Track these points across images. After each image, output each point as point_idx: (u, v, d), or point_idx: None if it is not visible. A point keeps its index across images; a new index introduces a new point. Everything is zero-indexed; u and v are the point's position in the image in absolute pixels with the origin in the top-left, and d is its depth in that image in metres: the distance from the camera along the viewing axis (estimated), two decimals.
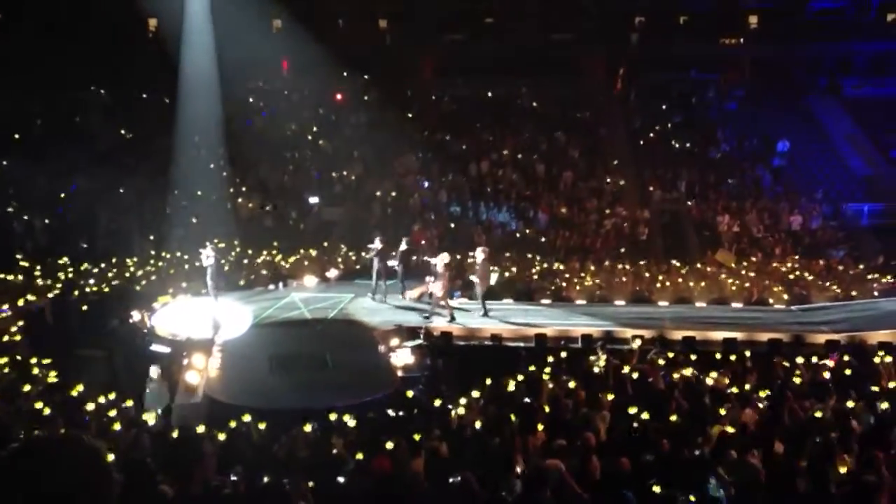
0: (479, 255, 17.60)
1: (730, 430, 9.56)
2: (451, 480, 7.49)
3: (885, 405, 10.72)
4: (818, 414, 10.34)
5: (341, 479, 8.37)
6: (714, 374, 12.79)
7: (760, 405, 10.99)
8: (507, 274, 21.17)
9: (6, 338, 14.79)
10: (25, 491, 1.87)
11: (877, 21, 33.63)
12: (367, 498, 7.83)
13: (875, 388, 11.84)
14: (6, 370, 12.71)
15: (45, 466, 1.91)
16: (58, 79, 27.58)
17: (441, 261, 17.20)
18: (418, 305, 18.54)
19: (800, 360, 13.80)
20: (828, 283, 20.87)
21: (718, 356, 14.63)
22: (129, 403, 11.77)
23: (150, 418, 11.04)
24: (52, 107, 28.08)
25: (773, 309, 19.22)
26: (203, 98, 26.92)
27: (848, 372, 13.26)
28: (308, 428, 10.43)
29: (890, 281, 21.07)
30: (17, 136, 25.74)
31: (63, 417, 10.41)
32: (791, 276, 21.50)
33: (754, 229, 24.87)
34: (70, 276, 19.29)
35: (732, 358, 14.28)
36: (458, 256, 20.44)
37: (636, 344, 15.12)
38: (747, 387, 12.25)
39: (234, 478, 7.70)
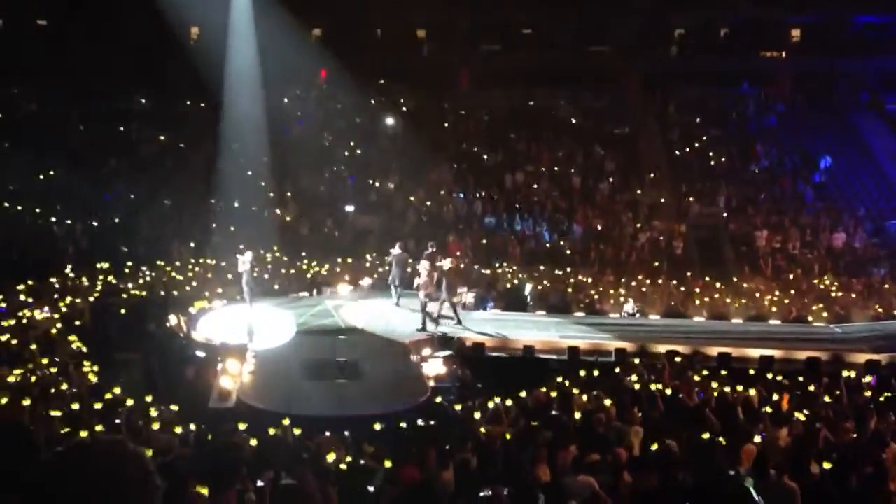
0: (447, 264, 17.52)
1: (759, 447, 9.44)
2: (481, 494, 7.47)
3: None
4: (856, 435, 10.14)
5: (371, 488, 8.38)
6: (749, 392, 12.59)
7: (797, 425, 10.78)
8: (539, 287, 21.12)
9: (52, 331, 15.09)
10: (70, 494, 1.89)
11: None
12: None
13: None
14: (47, 370, 12.91)
15: (90, 471, 1.92)
16: (101, 86, 28.12)
17: (423, 268, 17.24)
18: (445, 314, 18.50)
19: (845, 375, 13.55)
20: (869, 302, 20.48)
21: (754, 373, 14.41)
22: (164, 407, 11.90)
23: (184, 423, 11.16)
24: (95, 114, 28.63)
25: (813, 327, 18.90)
26: (244, 106, 27.26)
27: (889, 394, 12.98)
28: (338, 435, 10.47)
29: None
30: (60, 141, 26.24)
31: (98, 419, 10.56)
32: (831, 294, 21.14)
33: (791, 245, 24.50)
34: (110, 280, 19.59)
35: (769, 376, 14.06)
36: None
37: (671, 359, 14.97)
38: (784, 406, 12.04)
39: (260, 483, 7.72)
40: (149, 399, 12.17)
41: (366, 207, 26.72)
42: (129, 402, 11.57)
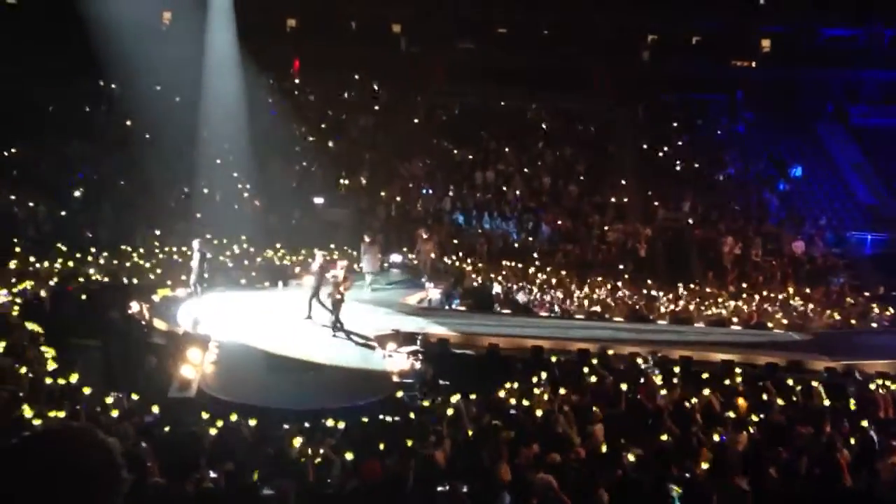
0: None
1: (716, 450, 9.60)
2: (439, 489, 7.50)
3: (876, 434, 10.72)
4: (811, 440, 10.33)
5: (329, 481, 8.38)
6: (709, 396, 12.75)
7: (753, 429, 10.96)
8: (505, 286, 21.23)
9: (10, 317, 14.81)
10: (36, 481, 1.83)
11: (889, 50, 33.70)
12: (354, 500, 7.83)
13: (865, 419, 11.79)
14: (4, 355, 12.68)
15: (56, 458, 1.87)
16: (68, 68, 27.57)
17: (316, 263, 17.34)
18: (417, 311, 18.49)
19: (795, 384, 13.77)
20: (828, 311, 20.86)
21: (715, 377, 14.58)
22: (122, 395, 11.75)
23: (143, 411, 11.05)
24: (61, 96, 28.08)
25: (772, 333, 19.19)
26: (216, 94, 26.98)
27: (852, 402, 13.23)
28: (299, 429, 10.43)
29: (889, 311, 21.06)
30: (25, 123, 25.70)
31: (56, 405, 10.41)
32: (791, 302, 21.49)
33: (754, 253, 24.87)
34: (71, 264, 19.28)
35: (728, 381, 14.24)
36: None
37: (636, 361, 15.11)
38: (742, 410, 12.21)
39: (213, 475, 7.67)
40: (107, 387, 12.01)
41: (335, 200, 26.62)
42: (87, 390, 11.41)
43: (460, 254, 23.77)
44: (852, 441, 10.53)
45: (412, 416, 11.90)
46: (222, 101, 26.91)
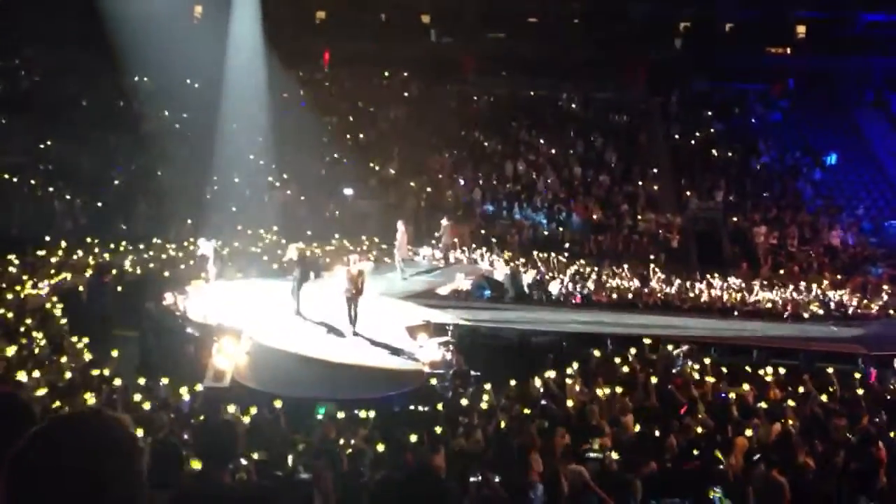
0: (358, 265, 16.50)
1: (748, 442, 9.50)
2: (471, 479, 7.51)
3: None
4: (847, 432, 10.18)
5: (362, 470, 8.42)
6: (743, 387, 12.62)
7: (790, 421, 10.81)
8: (536, 276, 21.17)
9: (46, 306, 15.08)
10: (51, 467, 1.85)
11: None
12: (386, 490, 7.85)
13: None
14: (42, 345, 12.91)
15: (71, 442, 1.88)
16: (103, 63, 27.90)
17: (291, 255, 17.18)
18: (447, 302, 18.49)
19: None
20: (865, 301, 20.53)
21: (749, 368, 14.42)
22: (162, 382, 11.92)
23: (178, 400, 11.19)
24: (96, 91, 28.45)
25: (809, 324, 18.91)
26: (246, 86, 27.16)
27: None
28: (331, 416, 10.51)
29: None
30: (61, 117, 26.09)
31: (92, 394, 10.57)
32: (828, 292, 21.19)
33: (789, 242, 24.54)
34: (107, 256, 19.56)
35: (762, 371, 14.08)
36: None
37: (669, 352, 14.98)
38: (776, 401, 12.07)
39: (244, 462, 7.71)
40: (143, 377, 12.17)
41: (365, 192, 26.70)
42: (118, 381, 11.56)
43: (492, 241, 23.78)
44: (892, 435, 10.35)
45: (441, 406, 11.91)
46: (252, 94, 27.09)
